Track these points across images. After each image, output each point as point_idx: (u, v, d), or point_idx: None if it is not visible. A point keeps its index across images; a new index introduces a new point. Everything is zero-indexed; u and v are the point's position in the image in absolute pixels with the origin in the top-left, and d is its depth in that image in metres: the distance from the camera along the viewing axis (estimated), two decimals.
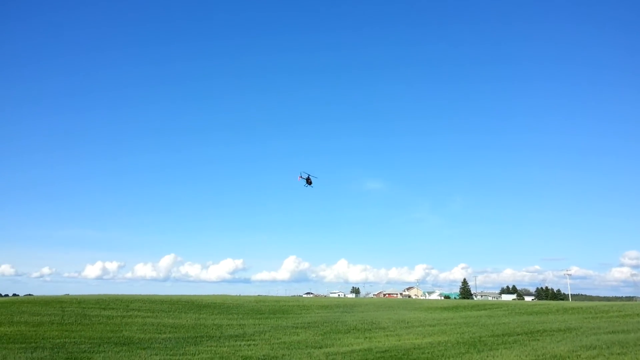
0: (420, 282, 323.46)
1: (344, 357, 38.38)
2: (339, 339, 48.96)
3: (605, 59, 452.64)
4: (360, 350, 41.22)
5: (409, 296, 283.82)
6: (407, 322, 60.64)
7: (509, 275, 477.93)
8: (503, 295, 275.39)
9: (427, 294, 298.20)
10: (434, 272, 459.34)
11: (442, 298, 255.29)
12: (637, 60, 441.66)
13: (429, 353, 36.31)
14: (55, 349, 41.27)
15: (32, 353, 39.18)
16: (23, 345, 42.50)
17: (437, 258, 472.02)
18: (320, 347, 44.62)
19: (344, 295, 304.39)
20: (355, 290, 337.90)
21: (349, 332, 53.92)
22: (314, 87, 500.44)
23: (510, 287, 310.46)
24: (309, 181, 65.80)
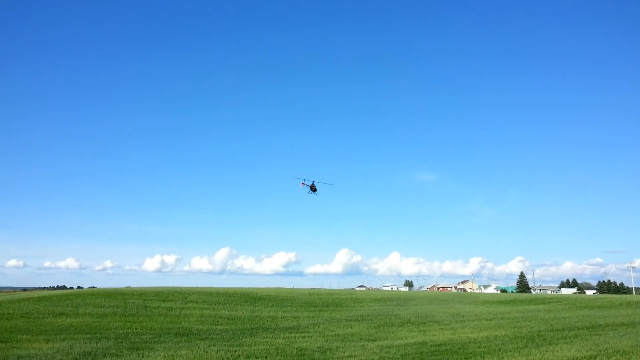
0: (475, 275, 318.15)
1: (398, 350, 38.28)
2: (393, 332, 48.82)
3: None
4: (414, 343, 41.00)
5: (464, 290, 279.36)
6: (462, 316, 59.79)
7: (569, 268, 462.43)
8: (563, 289, 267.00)
9: (482, 287, 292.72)
10: (489, 265, 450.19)
11: (498, 292, 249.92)
12: None
13: (485, 347, 35.72)
14: (119, 339, 43.06)
15: (96, 343, 41.02)
16: (88, 336, 44.55)
17: (493, 251, 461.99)
18: (374, 340, 44.65)
19: (397, 288, 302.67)
20: (409, 284, 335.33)
21: (403, 325, 53.67)
22: (366, 80, 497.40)
23: (571, 280, 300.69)
24: (313, 188, 64.04)
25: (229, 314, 62.53)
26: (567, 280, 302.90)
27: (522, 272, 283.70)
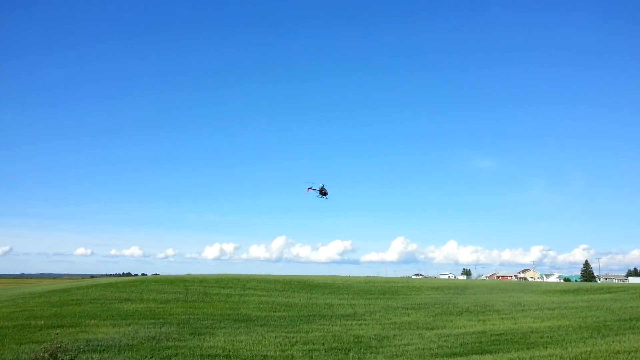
0: (537, 264, 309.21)
1: (457, 339, 37.67)
2: (451, 321, 48.13)
3: None
4: (473, 332, 40.24)
5: (525, 278, 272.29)
6: (524, 305, 58.22)
7: (637, 256, 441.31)
8: (630, 278, 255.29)
9: (544, 276, 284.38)
10: (551, 253, 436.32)
11: (561, 281, 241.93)
12: None
13: (548, 337, 34.65)
14: (181, 325, 44.46)
15: (160, 328, 42.51)
16: (152, 321, 46.24)
17: (555, 239, 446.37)
18: (432, 329, 44.16)
19: (455, 276, 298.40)
20: (467, 272, 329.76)
21: (462, 314, 52.81)
22: (421, 68, 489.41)
23: (639, 269, 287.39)
24: (322, 192, 61.78)
25: (286, 301, 63.35)
26: (635, 268, 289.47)
27: (586, 261, 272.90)
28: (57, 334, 22.26)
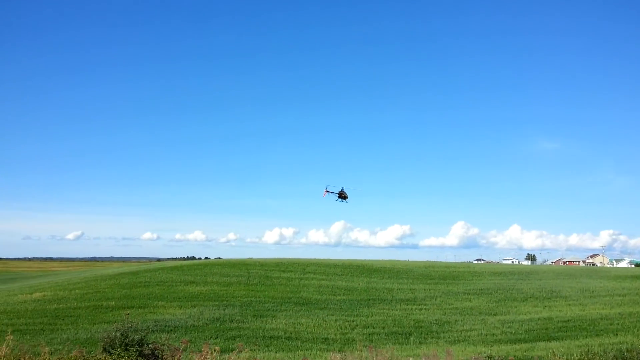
0: (606, 249, 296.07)
1: (522, 325, 36.75)
2: (515, 307, 46.98)
3: None
4: (539, 319, 39.14)
5: (593, 264, 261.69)
6: (592, 291, 56.03)
7: None
8: None
9: (614, 261, 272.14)
10: (622, 238, 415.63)
11: (633, 266, 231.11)
12: None
13: (618, 324, 33.29)
14: (244, 307, 45.58)
15: (224, 310, 43.75)
16: (216, 303, 47.64)
17: (626, 223, 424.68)
18: (495, 315, 43.28)
19: (518, 262, 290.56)
20: (531, 257, 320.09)
21: (526, 300, 51.45)
22: (480, 51, 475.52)
23: None
24: (342, 195, 58.57)
25: (346, 285, 63.65)
26: None
27: None
28: (128, 314, 23.36)
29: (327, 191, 58.30)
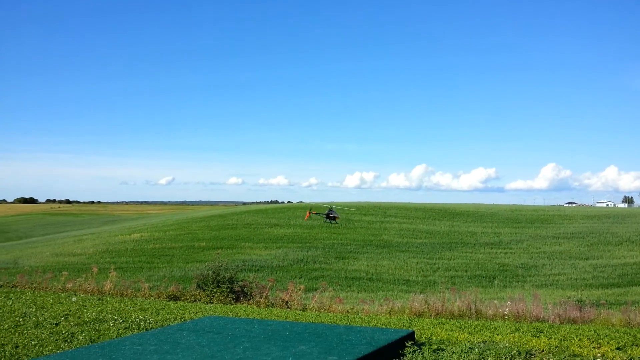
0: None
1: (615, 270, 35.18)
2: (609, 251, 44.94)
3: None
4: (633, 263, 37.29)
5: None
6: None
7: None
8: None
9: None
10: None
11: None
12: None
13: None
14: (326, 249, 46.70)
15: (307, 251, 45.07)
16: (299, 245, 49.11)
17: None
18: (586, 259, 41.66)
19: (614, 205, 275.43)
20: (628, 200, 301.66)
21: (621, 244, 49.00)
22: None
23: None
24: (330, 216, 53.51)
25: (427, 229, 63.33)
26: None
27: None
28: (218, 254, 24.56)
29: (310, 212, 54.01)
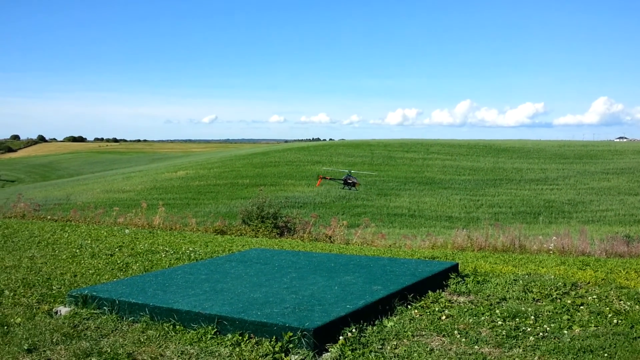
0: None
1: None
2: None
3: None
4: None
5: None
6: None
7: None
8: None
9: None
10: None
11: None
12: None
13: None
14: (368, 186, 46.84)
15: (350, 187, 45.32)
16: (340, 181, 49.38)
17: None
18: (636, 195, 40.46)
19: None
20: None
21: None
22: None
23: None
24: (349, 182, 44.84)
25: (471, 165, 62.45)
26: None
27: None
28: (261, 190, 24.97)
29: (322, 177, 46.35)
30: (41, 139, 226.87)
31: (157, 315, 4.97)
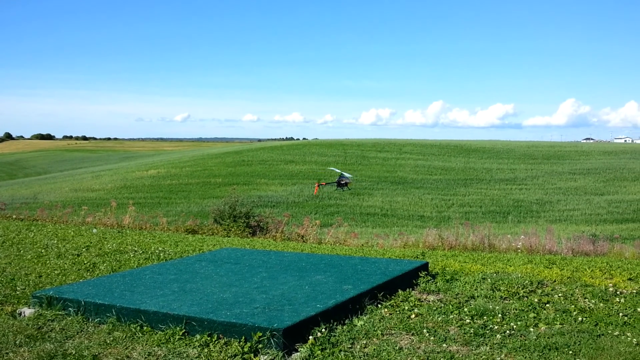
0: None
1: (630, 205, 35.08)
2: (625, 187, 44.66)
3: None
4: None
5: None
6: None
7: None
8: None
9: None
10: None
11: None
12: None
13: None
14: (343, 185, 46.98)
15: (322, 188, 45.37)
16: (314, 181, 49.39)
17: None
18: (602, 194, 41.51)
19: (632, 141, 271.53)
20: None
21: (637, 179, 48.59)
22: None
23: None
24: (342, 183, 44.88)
25: (442, 165, 63.15)
26: None
27: None
28: (234, 189, 24.83)
29: (319, 184, 44.58)
30: (8, 137, 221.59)
31: (124, 317, 4.90)
